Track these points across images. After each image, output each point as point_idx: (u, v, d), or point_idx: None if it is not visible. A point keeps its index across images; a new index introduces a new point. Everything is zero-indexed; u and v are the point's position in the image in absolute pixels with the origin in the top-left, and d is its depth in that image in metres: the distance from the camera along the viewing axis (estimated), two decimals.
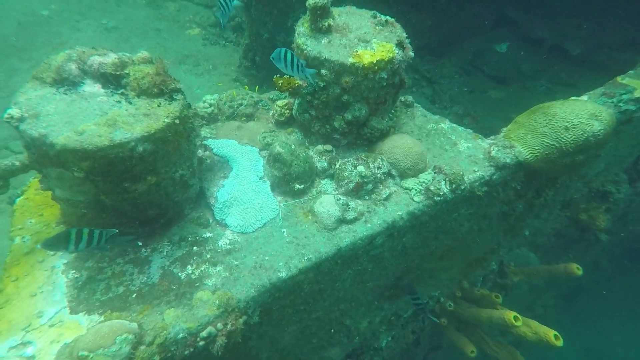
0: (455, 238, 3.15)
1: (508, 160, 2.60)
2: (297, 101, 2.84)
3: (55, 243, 1.67)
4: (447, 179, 2.53)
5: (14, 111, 1.61)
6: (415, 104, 3.27)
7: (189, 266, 2.09)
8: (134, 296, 1.90)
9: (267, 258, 2.21)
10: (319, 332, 2.92)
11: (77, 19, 7.78)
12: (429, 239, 2.94)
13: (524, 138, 2.60)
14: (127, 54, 2.01)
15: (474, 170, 2.65)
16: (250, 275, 2.11)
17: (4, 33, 7.07)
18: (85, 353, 1.40)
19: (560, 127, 2.39)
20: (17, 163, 1.84)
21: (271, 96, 3.35)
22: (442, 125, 3.06)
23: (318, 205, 2.44)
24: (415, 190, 2.57)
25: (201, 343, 1.78)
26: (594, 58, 7.21)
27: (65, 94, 1.82)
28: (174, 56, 7.48)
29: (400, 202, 2.55)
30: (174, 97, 1.96)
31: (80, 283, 1.92)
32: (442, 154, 2.83)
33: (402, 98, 3.26)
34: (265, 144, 2.85)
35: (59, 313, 1.80)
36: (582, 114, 2.33)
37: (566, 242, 4.62)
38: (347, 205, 2.43)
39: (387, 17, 2.70)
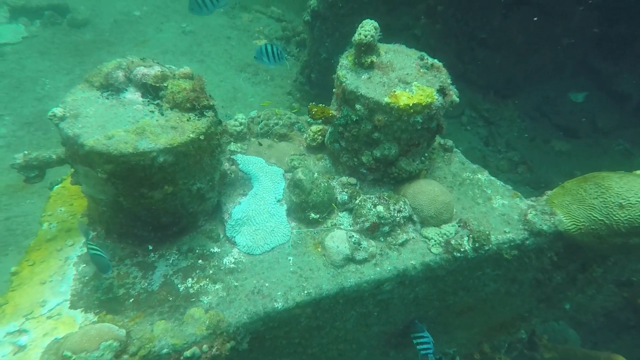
0: (478, 297, 2.90)
1: (545, 227, 2.36)
2: (329, 129, 2.84)
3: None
4: (471, 235, 2.35)
5: (58, 110, 1.78)
6: (455, 149, 3.11)
7: (190, 279, 2.12)
8: (131, 301, 1.96)
9: (267, 284, 2.18)
10: None
11: (162, 21, 8.58)
12: (446, 293, 2.74)
13: (569, 207, 2.35)
14: (173, 67, 2.14)
15: (505, 231, 2.44)
16: (246, 300, 2.09)
17: (101, 28, 7.99)
18: (69, 354, 1.46)
19: (613, 202, 2.13)
20: (54, 156, 2.03)
21: (309, 119, 3.38)
22: (480, 176, 2.87)
23: (329, 239, 2.38)
24: (435, 241, 2.41)
25: None
26: None
27: (107, 98, 1.98)
28: (238, 64, 7.92)
29: (416, 250, 2.41)
30: (205, 113, 2.04)
31: (87, 278, 2.03)
32: (473, 207, 2.64)
33: (442, 141, 3.13)
34: (291, 166, 2.86)
35: (59, 305, 1.91)
36: None
37: (619, 327, 4.06)
38: (359, 244, 2.34)
39: (435, 60, 2.62)
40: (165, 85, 1.98)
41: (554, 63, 7.81)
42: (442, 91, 2.36)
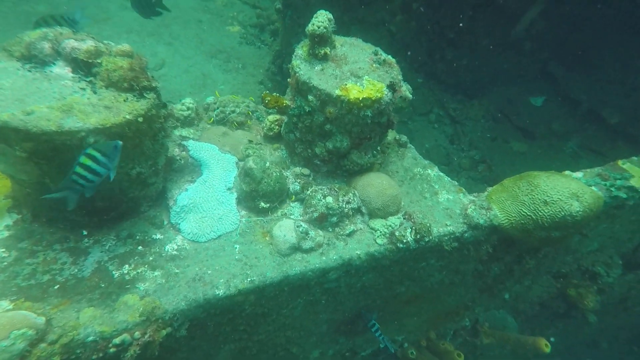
0: (424, 287, 3.01)
1: (481, 221, 2.47)
2: (285, 120, 2.82)
3: None
4: (414, 227, 2.42)
5: None
6: (409, 145, 3.18)
7: (127, 265, 2.05)
8: (56, 287, 1.86)
9: (209, 272, 2.16)
10: (261, 355, 2.83)
11: None
12: (392, 283, 2.82)
13: (504, 202, 2.47)
14: (111, 43, 2.03)
15: (446, 224, 2.53)
16: (186, 287, 2.06)
17: (57, 1, 7.43)
18: None
19: (539, 199, 2.26)
20: None
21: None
22: (430, 171, 2.95)
23: (277, 229, 2.38)
24: (380, 232, 2.47)
25: (112, 350, 1.72)
26: (632, 131, 6.87)
27: (29, 71, 1.83)
28: (209, 49, 7.65)
29: (362, 241, 2.46)
30: (145, 95, 1.95)
31: (4, 264, 1.89)
32: (420, 201, 2.72)
33: (397, 136, 3.18)
34: (245, 155, 2.81)
35: None
36: (563, 191, 2.19)
37: (552, 315, 4.35)
38: (307, 233, 2.35)
39: (389, 56, 2.64)
40: (100, 62, 1.88)
41: (518, 67, 8.12)
42: (392, 87, 2.39)
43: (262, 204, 2.48)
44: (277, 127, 3.01)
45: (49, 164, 1.75)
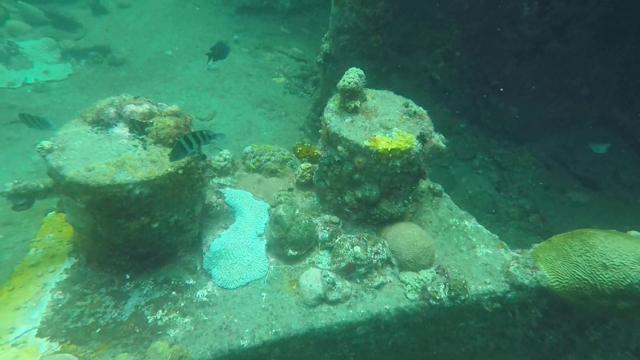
0: (465, 350, 2.75)
1: (526, 281, 2.27)
2: (317, 168, 2.91)
3: (176, 152, 1.90)
4: (447, 283, 2.28)
5: (46, 143, 1.95)
6: (444, 194, 3.10)
7: (160, 311, 2.15)
8: (97, 331, 1.99)
9: (236, 320, 2.18)
10: None
11: (190, 60, 9.21)
12: (428, 343, 2.62)
13: (553, 262, 2.26)
14: (163, 105, 2.31)
15: (486, 282, 2.36)
16: (212, 336, 2.09)
17: (135, 66, 8.69)
18: None
19: (597, 262, 2.03)
20: (42, 185, 2.18)
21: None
22: (466, 223, 2.82)
23: (303, 278, 2.37)
24: (411, 286, 2.36)
25: None
26: None
27: (96, 132, 2.14)
28: (255, 99, 8.32)
29: (392, 294, 2.36)
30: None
31: (59, 306, 2.09)
32: (456, 255, 2.58)
33: (431, 185, 3.13)
34: (277, 201, 2.91)
35: (27, 333, 1.96)
36: (627, 255, 1.95)
37: None
38: (334, 284, 2.32)
39: (420, 107, 2.69)
40: (151, 122, 2.13)
41: (573, 113, 7.72)
42: (422, 138, 2.40)
43: (291, 252, 2.51)
44: (309, 174, 3.11)
45: (101, 214, 1.96)
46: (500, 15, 6.62)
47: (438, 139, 2.66)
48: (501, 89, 7.57)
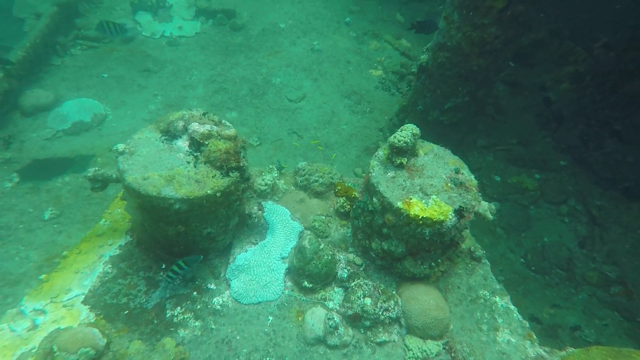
0: None
1: None
2: (354, 206, 2.92)
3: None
4: None
5: (120, 146, 2.28)
6: (484, 260, 2.89)
7: (179, 308, 2.43)
8: (125, 313, 2.33)
9: (238, 337, 2.36)
10: None
11: (299, 36, 9.15)
12: None
13: None
14: (227, 124, 2.52)
15: None
16: (214, 347, 2.30)
17: (250, 34, 8.85)
18: (55, 348, 1.83)
19: None
20: (114, 175, 2.56)
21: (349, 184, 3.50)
22: (497, 299, 2.62)
23: (309, 315, 2.46)
24: (413, 354, 2.31)
25: None
26: None
27: (162, 142, 2.42)
28: (346, 89, 8.10)
29: (391, 355, 2.34)
30: (230, 174, 2.34)
31: (106, 279, 2.49)
32: (473, 332, 2.44)
33: (472, 247, 2.94)
34: (311, 226, 3.01)
35: (77, 297, 2.37)
36: None
37: None
38: (336, 329, 2.37)
39: (471, 177, 2.48)
40: (207, 142, 2.35)
41: None
42: (459, 212, 2.25)
43: (306, 283, 2.61)
44: (348, 206, 3.13)
45: (147, 215, 2.27)
46: None
47: (486, 209, 2.48)
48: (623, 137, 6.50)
